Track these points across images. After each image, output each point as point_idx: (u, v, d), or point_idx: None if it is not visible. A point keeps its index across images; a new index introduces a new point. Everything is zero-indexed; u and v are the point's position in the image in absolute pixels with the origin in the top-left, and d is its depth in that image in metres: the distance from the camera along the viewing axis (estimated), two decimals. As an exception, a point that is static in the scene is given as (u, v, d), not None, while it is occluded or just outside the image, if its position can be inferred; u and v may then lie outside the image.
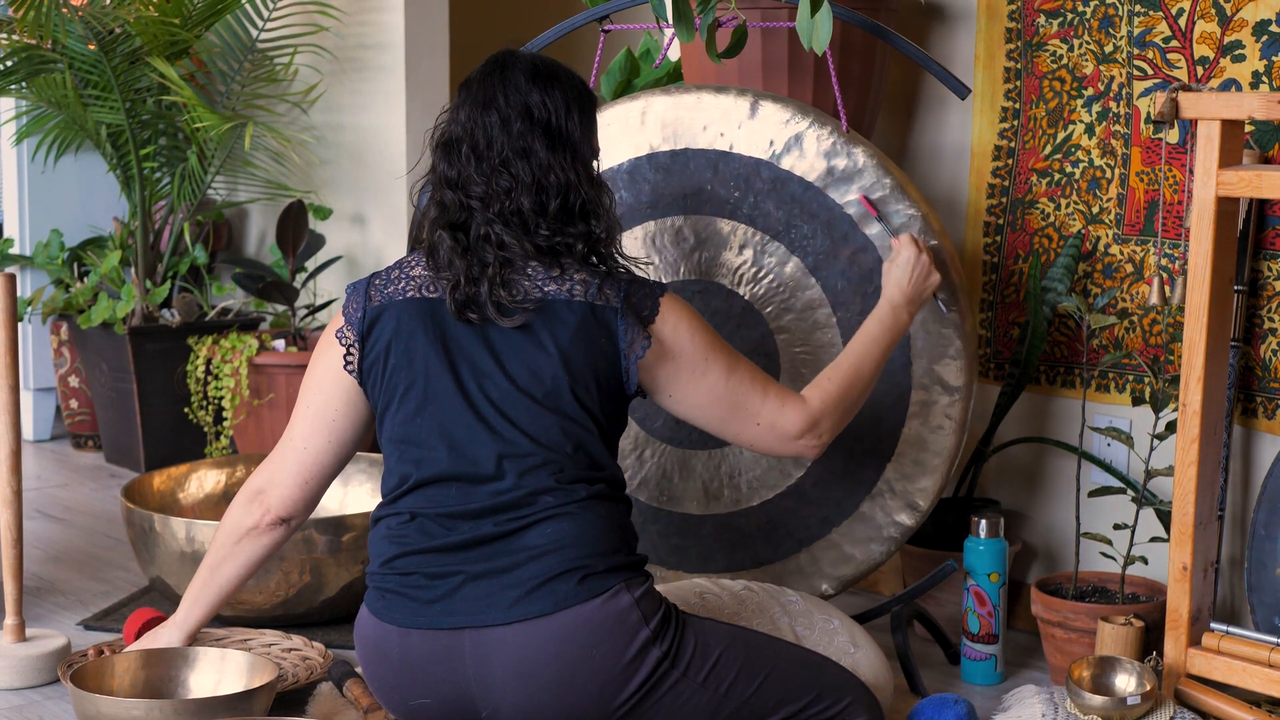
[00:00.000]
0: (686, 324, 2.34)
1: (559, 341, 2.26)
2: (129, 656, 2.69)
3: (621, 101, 2.96)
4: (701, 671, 2.21)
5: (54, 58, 4.35)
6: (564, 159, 2.30)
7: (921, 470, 2.87)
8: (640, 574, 2.24)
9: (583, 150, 2.34)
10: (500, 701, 2.19)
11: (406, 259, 2.38)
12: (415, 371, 2.28)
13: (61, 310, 4.66)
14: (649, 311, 2.31)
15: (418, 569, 2.24)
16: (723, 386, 2.36)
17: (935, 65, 2.90)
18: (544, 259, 2.29)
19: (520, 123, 2.30)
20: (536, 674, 2.17)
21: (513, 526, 2.21)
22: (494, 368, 2.26)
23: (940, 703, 2.57)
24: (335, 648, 3.09)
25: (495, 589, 2.18)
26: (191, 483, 3.54)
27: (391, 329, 2.30)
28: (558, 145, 2.30)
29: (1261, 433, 2.91)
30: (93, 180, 4.90)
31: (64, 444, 4.90)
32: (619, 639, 2.16)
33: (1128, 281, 3.10)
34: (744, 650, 2.26)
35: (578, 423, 2.25)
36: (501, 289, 2.26)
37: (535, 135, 2.30)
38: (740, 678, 2.24)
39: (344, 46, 4.56)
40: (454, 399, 2.26)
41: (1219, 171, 2.51)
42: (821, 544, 2.95)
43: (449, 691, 2.22)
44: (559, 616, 2.16)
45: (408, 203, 4.42)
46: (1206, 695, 2.57)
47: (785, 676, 2.27)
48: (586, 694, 2.17)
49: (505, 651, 2.17)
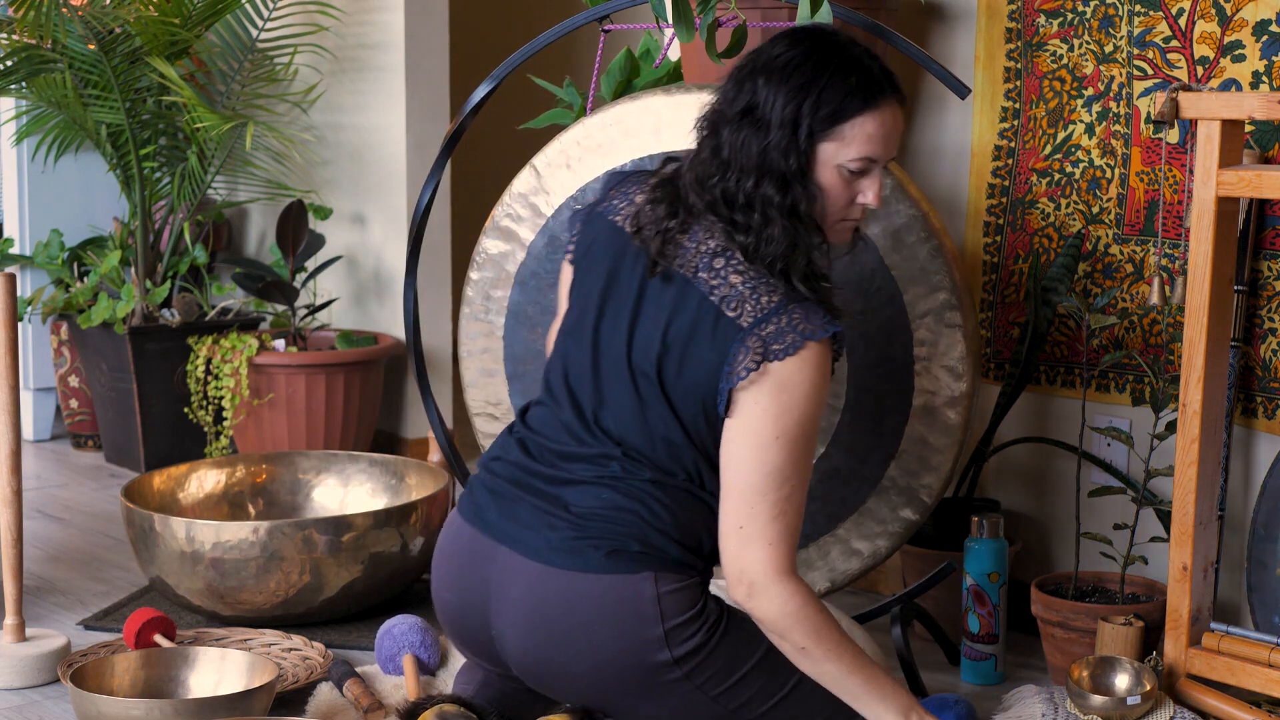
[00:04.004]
0: (802, 386, 2.13)
1: (677, 329, 2.19)
2: (129, 656, 2.70)
3: (622, 101, 2.96)
4: (718, 688, 2.19)
5: (54, 57, 4.35)
6: (776, 153, 2.17)
7: (925, 467, 2.87)
8: (683, 575, 2.19)
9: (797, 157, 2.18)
10: (505, 629, 2.23)
11: (644, 183, 2.35)
12: (585, 292, 2.31)
13: (61, 310, 4.66)
14: (779, 351, 2.13)
15: (501, 475, 2.29)
16: (758, 470, 2.14)
17: (935, 65, 2.90)
18: (721, 239, 2.21)
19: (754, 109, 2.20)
20: (539, 619, 2.19)
21: (576, 477, 2.23)
22: (627, 324, 2.24)
23: (940, 703, 2.57)
24: (335, 647, 3.09)
25: (541, 525, 2.21)
26: (191, 482, 3.54)
27: (591, 241, 2.33)
28: (758, 124, 2.19)
29: (1261, 432, 2.92)
30: (93, 180, 4.90)
31: (64, 444, 4.90)
32: (626, 625, 2.15)
33: (1128, 281, 3.10)
34: (769, 670, 2.23)
35: (662, 417, 2.21)
36: (666, 246, 2.21)
37: (751, 123, 2.19)
38: (755, 699, 2.21)
39: (344, 46, 4.56)
40: (587, 338, 2.28)
41: (1219, 171, 2.51)
42: (828, 539, 2.95)
43: (471, 596, 2.27)
44: (578, 577, 2.16)
45: (407, 202, 4.42)
46: (1206, 695, 2.57)
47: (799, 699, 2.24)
48: (584, 660, 2.18)
49: (523, 585, 2.20)
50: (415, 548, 3.24)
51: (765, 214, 2.17)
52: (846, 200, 2.23)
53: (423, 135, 4.42)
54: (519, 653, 2.23)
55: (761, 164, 2.17)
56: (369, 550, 3.16)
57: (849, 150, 2.18)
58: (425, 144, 4.41)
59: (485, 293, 3.03)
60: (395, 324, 4.49)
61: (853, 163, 2.19)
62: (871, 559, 2.93)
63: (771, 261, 2.17)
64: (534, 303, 2.99)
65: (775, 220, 2.17)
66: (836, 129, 2.17)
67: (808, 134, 2.17)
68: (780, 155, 2.17)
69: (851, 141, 2.18)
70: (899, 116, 2.23)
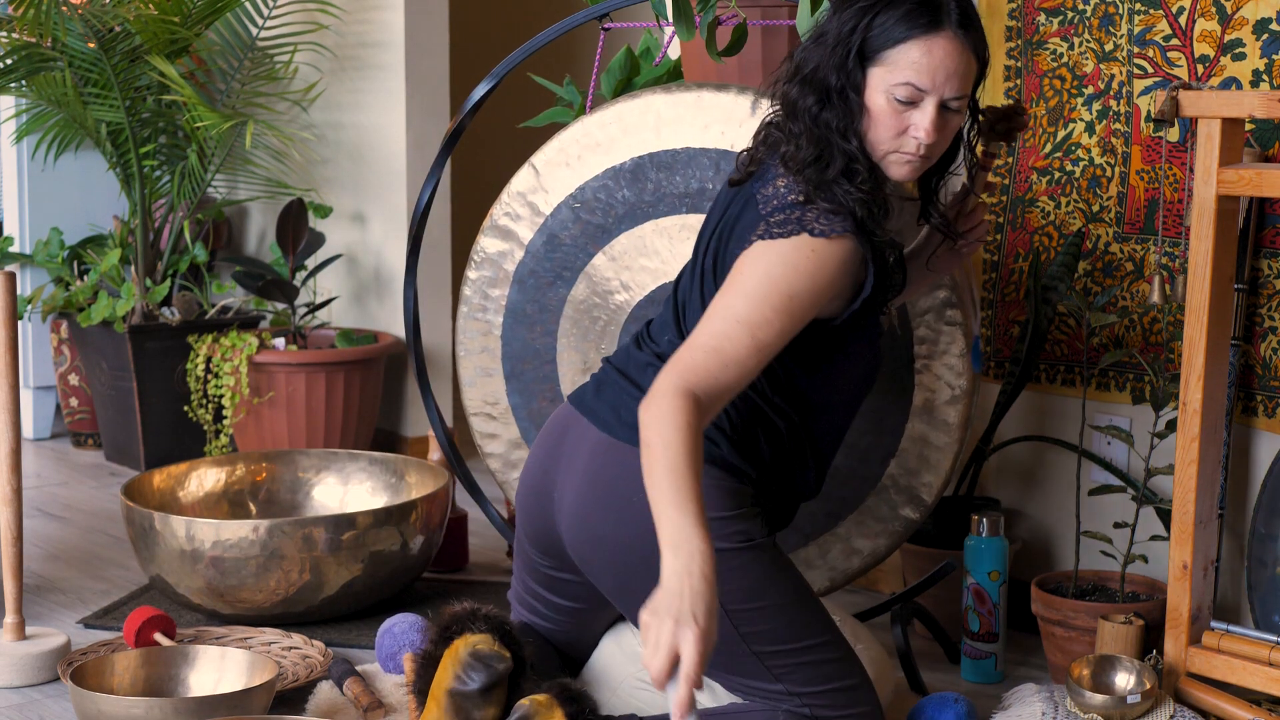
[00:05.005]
0: (784, 264, 2.15)
1: (725, 222, 2.29)
2: (129, 655, 2.70)
3: (622, 100, 2.96)
4: (735, 604, 2.21)
5: (54, 56, 4.35)
6: (826, 68, 2.22)
7: (925, 466, 2.87)
8: (730, 476, 2.27)
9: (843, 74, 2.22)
10: (565, 492, 2.33)
11: None
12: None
13: (61, 308, 4.66)
14: (777, 232, 2.18)
15: (610, 362, 2.43)
16: (717, 307, 2.17)
17: (935, 63, 2.89)
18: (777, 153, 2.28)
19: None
20: (597, 485, 2.27)
21: (653, 362, 2.32)
22: (709, 234, 2.34)
23: (940, 701, 2.57)
24: (335, 646, 3.09)
25: (617, 402, 2.32)
26: (191, 481, 3.54)
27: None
28: (820, 40, 2.25)
29: (1262, 431, 2.91)
30: (93, 178, 4.90)
31: (64, 442, 4.90)
32: None
33: (1128, 280, 3.10)
34: (793, 616, 2.26)
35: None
36: (750, 164, 2.31)
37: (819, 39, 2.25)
38: (767, 634, 2.24)
39: (344, 45, 4.56)
40: (693, 254, 2.40)
41: (1219, 170, 2.51)
42: (828, 537, 2.95)
43: (546, 463, 2.38)
44: (626, 449, 2.24)
45: (407, 201, 4.42)
46: (1206, 694, 2.57)
47: (810, 662, 2.26)
48: (619, 532, 2.25)
49: (587, 452, 2.30)
50: (415, 546, 3.24)
51: (803, 123, 2.22)
52: (896, 130, 2.22)
53: (423, 134, 4.42)
54: (571, 515, 2.31)
55: (812, 76, 2.22)
56: (369, 549, 3.16)
57: (895, 75, 2.18)
58: (425, 142, 4.41)
59: (483, 292, 3.03)
60: (395, 322, 4.49)
61: (898, 89, 2.19)
62: (872, 558, 2.93)
63: (801, 169, 2.21)
64: (532, 301, 2.99)
65: (808, 130, 2.21)
66: (886, 53, 2.19)
67: (858, 54, 2.19)
68: (829, 70, 2.21)
69: (897, 67, 2.18)
70: (961, 52, 2.19)
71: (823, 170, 2.20)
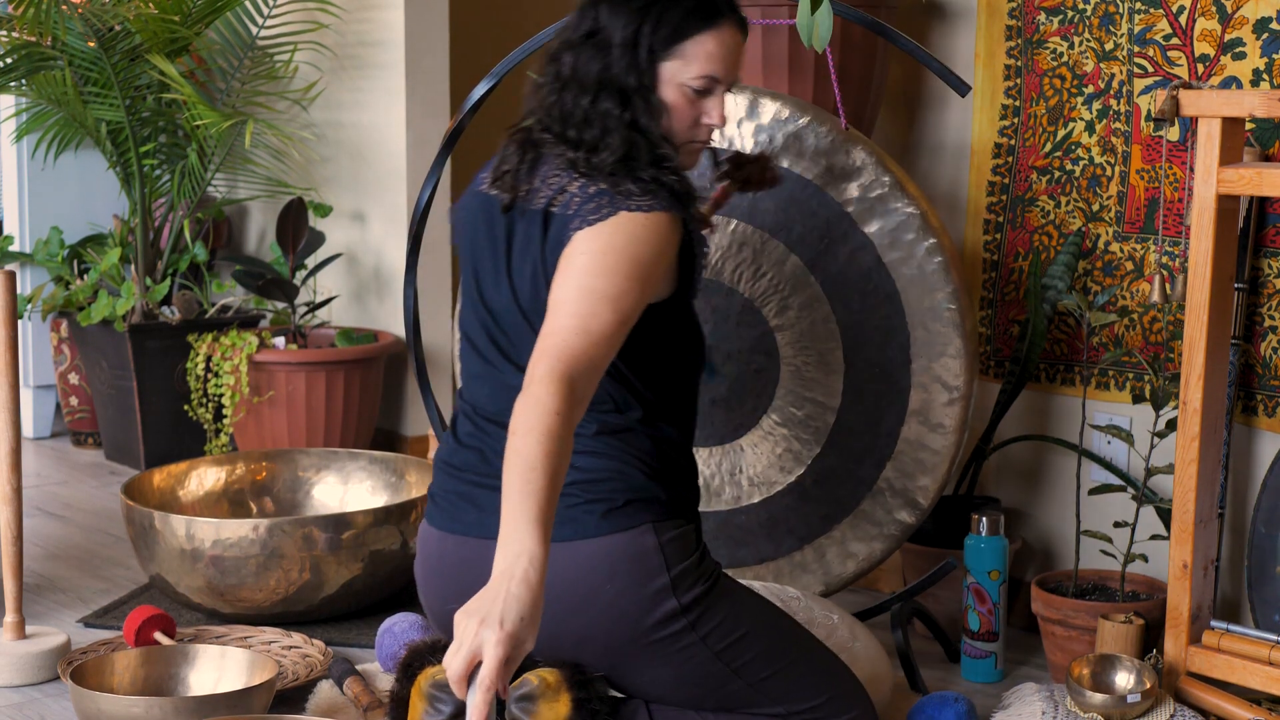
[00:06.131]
0: (613, 239, 2.12)
1: (545, 257, 2.20)
2: (129, 654, 2.70)
3: (622, 99, 2.96)
4: (720, 643, 2.20)
5: (54, 55, 4.34)
6: (617, 70, 2.23)
7: (922, 468, 2.87)
8: (676, 517, 2.20)
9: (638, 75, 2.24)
10: None
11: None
12: (464, 268, 2.34)
13: (61, 307, 4.66)
14: (594, 219, 2.13)
15: (463, 470, 2.26)
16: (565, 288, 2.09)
17: (935, 63, 2.89)
18: (564, 164, 2.23)
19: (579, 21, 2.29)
20: (551, 595, 2.14)
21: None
22: (505, 276, 2.25)
23: (940, 700, 2.57)
24: (335, 645, 3.09)
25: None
26: (191, 480, 3.54)
27: (460, 219, 2.37)
28: (599, 45, 2.25)
29: (1262, 430, 2.91)
30: (93, 177, 4.90)
31: (64, 441, 4.90)
32: (635, 577, 2.14)
33: (1128, 279, 3.10)
34: (773, 636, 2.25)
35: None
36: (518, 185, 2.24)
37: (593, 45, 2.25)
38: (755, 661, 2.22)
39: (344, 44, 4.56)
40: (480, 308, 2.29)
41: (1219, 169, 2.51)
42: (824, 540, 2.95)
43: (449, 600, 2.21)
44: (578, 545, 2.15)
45: (407, 200, 4.42)
46: (1206, 693, 2.57)
47: (800, 675, 2.25)
48: (599, 625, 2.17)
49: None
50: (415, 545, 3.24)
51: (605, 126, 2.21)
52: (691, 120, 2.28)
53: (423, 133, 4.42)
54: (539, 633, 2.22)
55: (601, 81, 2.23)
56: (369, 548, 3.16)
57: (691, 69, 2.25)
58: (425, 141, 4.41)
59: (485, 290, 3.03)
60: (395, 321, 4.49)
61: (695, 80, 2.25)
62: (867, 561, 2.93)
63: (609, 171, 2.19)
64: (534, 300, 2.98)
65: (614, 131, 2.21)
66: (678, 47, 2.24)
67: (649, 53, 2.23)
68: (621, 72, 2.22)
69: (692, 60, 2.25)
70: (740, 39, 2.30)
71: (632, 167, 2.21)
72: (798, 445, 2.94)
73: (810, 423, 2.93)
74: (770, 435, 2.96)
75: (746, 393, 2.96)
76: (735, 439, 2.98)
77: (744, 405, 2.96)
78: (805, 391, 2.93)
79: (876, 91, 3.21)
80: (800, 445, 2.94)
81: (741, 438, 2.98)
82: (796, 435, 2.94)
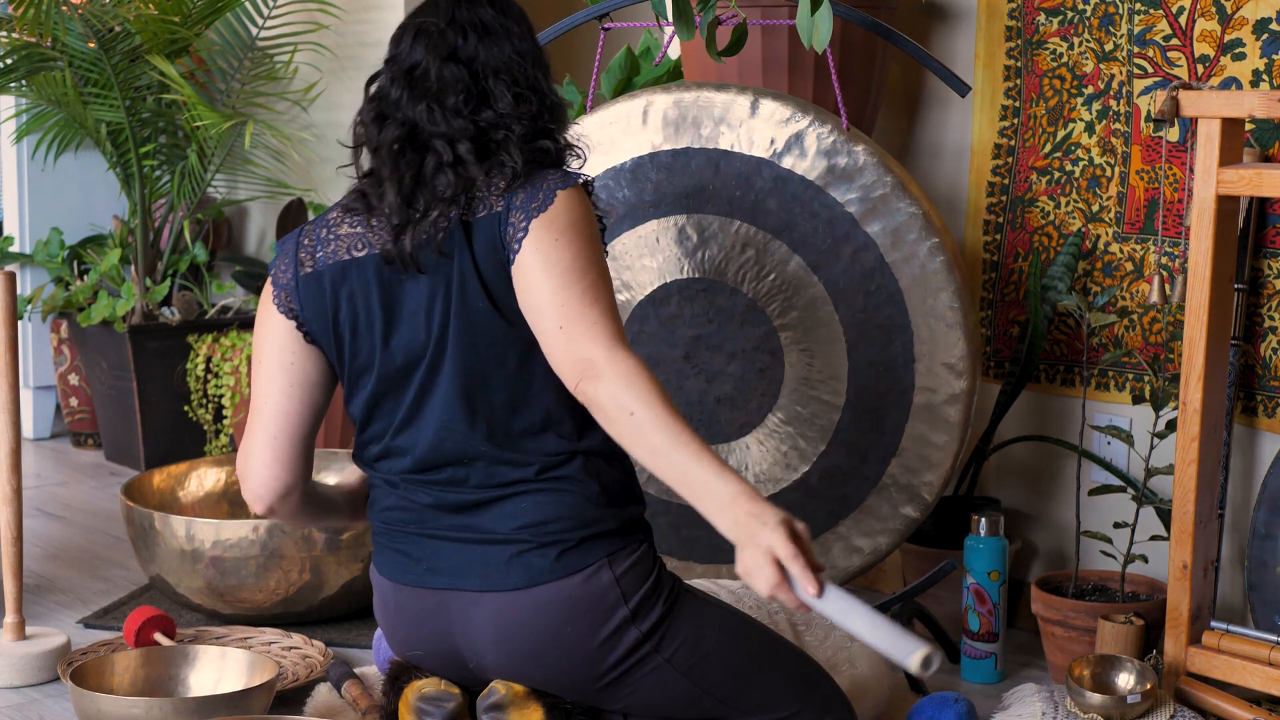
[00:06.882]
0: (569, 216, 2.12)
1: (454, 286, 2.16)
2: (129, 655, 2.70)
3: (622, 100, 2.96)
4: (687, 660, 2.17)
5: (54, 56, 4.35)
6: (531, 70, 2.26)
7: (927, 464, 2.87)
8: (630, 542, 2.17)
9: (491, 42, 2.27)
10: (483, 658, 2.20)
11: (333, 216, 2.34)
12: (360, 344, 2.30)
13: (61, 308, 4.66)
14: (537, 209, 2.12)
15: (405, 524, 2.22)
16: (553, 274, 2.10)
17: (935, 63, 2.90)
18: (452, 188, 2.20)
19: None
20: (513, 642, 2.16)
21: (483, 498, 2.17)
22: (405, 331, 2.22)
23: (940, 701, 2.57)
24: (335, 646, 3.09)
25: (473, 556, 2.16)
26: (191, 481, 3.54)
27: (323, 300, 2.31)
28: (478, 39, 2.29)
29: (1262, 431, 2.91)
30: (93, 178, 4.90)
31: (64, 442, 4.90)
32: (595, 618, 2.13)
33: (1128, 280, 3.10)
34: (739, 648, 2.22)
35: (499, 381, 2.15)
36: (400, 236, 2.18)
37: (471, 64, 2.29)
38: (726, 676, 2.20)
39: (344, 44, 4.56)
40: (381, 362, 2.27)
41: (1219, 170, 2.51)
42: (829, 536, 2.95)
43: (439, 645, 2.22)
44: (534, 592, 2.13)
45: (408, 201, 4.42)
46: (1206, 694, 2.57)
47: (773, 684, 2.22)
48: (563, 666, 2.16)
49: (483, 616, 2.16)
50: (415, 546, 3.24)
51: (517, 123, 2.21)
52: None
53: (423, 133, 4.41)
54: (506, 674, 2.21)
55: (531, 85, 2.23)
56: (369, 549, 3.16)
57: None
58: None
59: (485, 291, 3.03)
60: (395, 322, 4.49)
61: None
62: (872, 556, 2.94)
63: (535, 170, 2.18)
64: (534, 301, 2.98)
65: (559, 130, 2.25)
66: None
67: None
68: (538, 77, 2.24)
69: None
70: None
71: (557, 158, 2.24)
72: (803, 443, 2.94)
73: (815, 420, 2.93)
74: (775, 433, 2.96)
75: (751, 391, 2.96)
76: (740, 437, 2.98)
77: (749, 404, 2.96)
78: (810, 390, 2.93)
79: (876, 92, 3.21)
80: (805, 443, 2.94)
81: (746, 436, 2.98)
82: (801, 433, 2.94)
